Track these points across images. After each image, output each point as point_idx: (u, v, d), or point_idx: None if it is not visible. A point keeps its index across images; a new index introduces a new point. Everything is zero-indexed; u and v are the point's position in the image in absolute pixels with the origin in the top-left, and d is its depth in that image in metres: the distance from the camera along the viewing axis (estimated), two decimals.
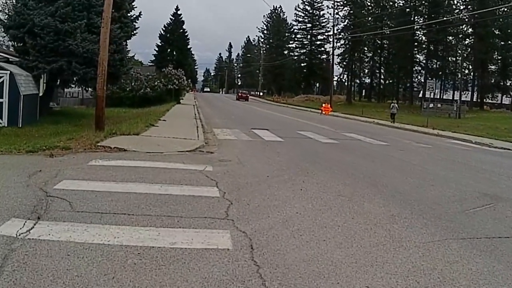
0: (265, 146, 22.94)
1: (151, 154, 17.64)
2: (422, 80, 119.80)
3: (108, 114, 46.00)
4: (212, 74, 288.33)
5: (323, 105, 72.62)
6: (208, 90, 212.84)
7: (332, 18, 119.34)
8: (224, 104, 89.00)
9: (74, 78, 35.51)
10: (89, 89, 45.14)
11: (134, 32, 40.67)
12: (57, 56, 32.90)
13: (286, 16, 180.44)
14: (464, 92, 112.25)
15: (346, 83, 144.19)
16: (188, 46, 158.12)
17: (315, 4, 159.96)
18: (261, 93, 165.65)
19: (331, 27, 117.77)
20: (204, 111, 56.25)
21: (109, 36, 23.11)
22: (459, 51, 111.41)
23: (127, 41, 40.30)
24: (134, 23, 40.48)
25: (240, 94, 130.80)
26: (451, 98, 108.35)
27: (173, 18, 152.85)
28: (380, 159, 20.70)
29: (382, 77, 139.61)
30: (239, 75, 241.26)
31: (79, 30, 32.94)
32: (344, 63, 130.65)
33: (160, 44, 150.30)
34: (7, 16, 37.82)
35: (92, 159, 15.63)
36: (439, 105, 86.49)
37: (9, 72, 28.62)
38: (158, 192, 11.42)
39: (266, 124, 38.41)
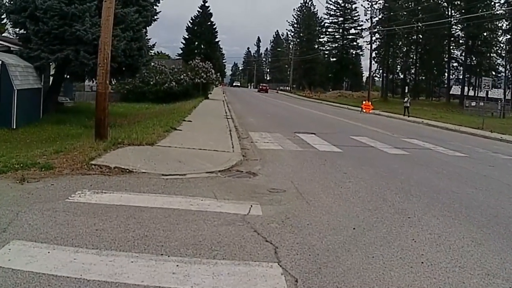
0: (322, 160, 17.61)
1: (168, 178, 12.60)
2: (459, 77, 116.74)
3: (126, 110, 44.12)
4: (240, 68, 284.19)
5: (364, 102, 67.39)
6: (238, 84, 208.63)
7: (367, 11, 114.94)
8: (255, 99, 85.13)
9: (84, 70, 30.51)
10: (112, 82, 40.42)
11: (155, 17, 35.93)
12: (63, 44, 28.74)
13: (317, 10, 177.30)
14: (498, 89, 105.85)
15: (380, 79, 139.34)
16: (216, 40, 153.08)
17: None
18: (290, 88, 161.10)
19: (364, 21, 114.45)
20: (235, 108, 50.99)
21: (113, 14, 18.34)
22: (498, 47, 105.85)
23: (147, 28, 35.67)
24: (154, 7, 35.62)
25: (261, 87, 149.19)
26: (484, 96, 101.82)
27: (201, 11, 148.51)
28: (480, 183, 15.26)
29: (416, 73, 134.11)
30: (268, 70, 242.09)
31: (88, 14, 28.75)
32: (379, 58, 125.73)
33: (187, 37, 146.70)
34: None
35: (77, 190, 10.89)
36: (481, 104, 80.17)
37: (0, 62, 24.73)
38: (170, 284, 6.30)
39: (309, 125, 34.04)
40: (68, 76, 34.42)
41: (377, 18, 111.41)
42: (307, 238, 8.28)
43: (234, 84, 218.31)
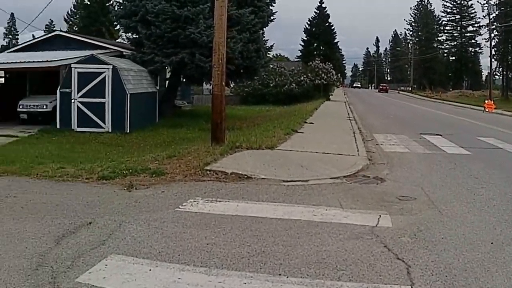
0: (451, 164, 16.19)
1: (289, 185, 11.86)
2: None
3: (245, 113, 43.42)
4: (360, 69, 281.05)
5: (486, 101, 64.38)
6: (359, 85, 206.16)
7: (484, 6, 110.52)
8: (376, 100, 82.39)
9: (200, 73, 30.35)
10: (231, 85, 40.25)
11: (271, 18, 35.38)
12: (177, 47, 28.95)
13: (434, 8, 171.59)
14: None
15: (501, 77, 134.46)
16: (335, 40, 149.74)
17: None
18: (411, 88, 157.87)
19: (481, 18, 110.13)
20: (357, 109, 49.56)
21: (226, 13, 17.51)
22: None
23: (264, 29, 35.17)
24: (270, 7, 34.95)
25: (381, 87, 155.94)
26: None
27: (318, 12, 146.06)
28: None
29: None
30: (388, 70, 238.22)
31: (201, 16, 28.73)
32: (499, 55, 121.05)
33: (305, 38, 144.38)
34: (118, 3, 34.22)
35: (190, 198, 10.40)
36: None
37: (111, 66, 25.39)
38: None
39: (433, 126, 32.13)
40: (184, 80, 34.45)
41: (494, 14, 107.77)
42: (442, 255, 7.21)
43: (354, 85, 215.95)
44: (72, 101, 25.21)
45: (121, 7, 32.06)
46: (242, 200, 10.09)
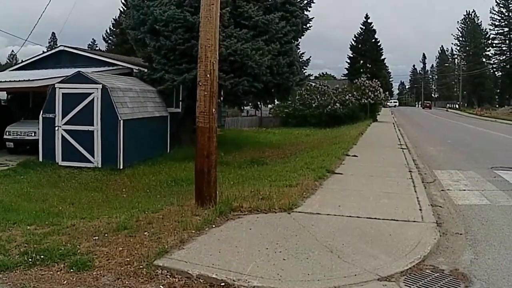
0: None
1: None
2: None
3: (282, 138, 38.93)
4: (407, 87, 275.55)
5: None
6: (396, 103, 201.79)
7: None
8: (427, 120, 76.01)
9: (220, 92, 25.16)
10: (268, 105, 34.88)
11: (307, 25, 29.73)
12: (191, 62, 23.72)
13: (481, 21, 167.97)
14: None
15: None
16: (382, 57, 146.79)
17: (510, 5, 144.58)
18: (458, 105, 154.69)
19: None
20: (407, 132, 44.39)
21: (219, 4, 11.67)
22: None
23: (299, 39, 29.75)
24: (305, 12, 29.33)
25: (425, 104, 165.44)
26: None
27: (364, 27, 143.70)
28: None
29: None
30: (435, 87, 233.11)
31: (220, 23, 22.09)
32: None
33: (351, 55, 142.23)
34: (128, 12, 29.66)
35: None
36: None
37: (100, 86, 21.44)
38: None
39: (500, 154, 26.45)
40: None
41: None
42: None
43: (391, 103, 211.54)
44: (56, 128, 21.55)
45: (128, 16, 27.89)
46: None
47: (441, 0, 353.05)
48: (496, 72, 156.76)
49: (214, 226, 9.47)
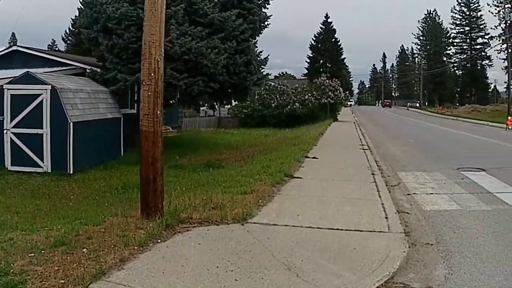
0: None
1: None
2: None
3: (240, 139, 38.31)
4: (367, 86, 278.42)
5: (509, 118, 58.66)
6: (352, 102, 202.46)
7: (500, 15, 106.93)
8: (387, 119, 76.59)
9: (172, 93, 24.94)
10: (226, 105, 34.04)
11: (265, 23, 28.92)
12: None
13: (442, 20, 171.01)
14: None
15: (509, 91, 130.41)
16: (342, 57, 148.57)
17: (471, 4, 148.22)
18: (419, 104, 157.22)
19: (493, 28, 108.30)
20: (369, 132, 44.09)
21: None
22: None
23: (257, 37, 28.94)
24: (263, 10, 28.61)
25: (385, 103, 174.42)
26: None
27: (323, 27, 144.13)
28: None
29: None
30: (396, 86, 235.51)
31: (174, 20, 23.02)
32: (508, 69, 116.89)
33: (311, 55, 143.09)
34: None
35: None
36: None
37: (49, 87, 20.43)
38: None
39: (465, 153, 26.40)
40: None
41: (503, 25, 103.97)
42: None
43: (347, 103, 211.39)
44: (4, 132, 20.59)
45: (82, 14, 27.15)
46: None
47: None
48: (456, 71, 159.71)
49: (159, 241, 8.48)
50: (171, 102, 28.05)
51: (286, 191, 13.52)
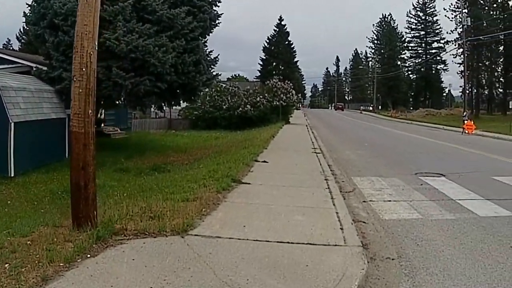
0: (500, 245, 9.59)
1: None
2: None
3: (189, 142, 37.95)
4: (320, 89, 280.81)
5: (465, 122, 58.97)
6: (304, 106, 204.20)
7: (456, 20, 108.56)
8: (341, 122, 78.16)
9: (119, 93, 24.10)
10: (175, 107, 32.87)
11: (216, 22, 28.22)
12: None
13: (397, 25, 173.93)
14: None
15: (469, 95, 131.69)
16: (295, 59, 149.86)
17: (427, 9, 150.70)
18: (374, 108, 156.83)
19: (449, 32, 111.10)
20: (321, 135, 43.29)
21: None
22: None
23: (207, 36, 28.25)
24: (213, 8, 27.84)
25: (337, 106, 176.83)
26: None
27: (277, 29, 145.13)
28: None
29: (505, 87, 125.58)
30: (349, 90, 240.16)
31: (121, 17, 22.51)
32: (467, 71, 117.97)
33: (264, 57, 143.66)
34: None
35: None
36: None
37: None
38: None
39: (422, 158, 25.71)
40: (102, 102, 26.43)
41: (465, 26, 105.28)
42: None
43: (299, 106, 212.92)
44: None
45: (30, 10, 25.71)
46: None
47: (355, 3, 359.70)
48: (411, 75, 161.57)
49: (89, 255, 7.49)
50: (117, 103, 27.22)
51: (233, 199, 12.45)
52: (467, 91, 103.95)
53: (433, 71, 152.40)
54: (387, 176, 18.47)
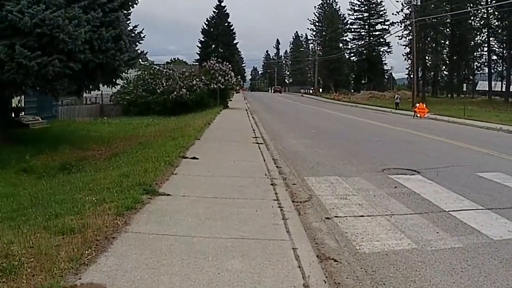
0: None
1: None
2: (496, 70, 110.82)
3: (116, 130, 34.75)
4: (260, 72, 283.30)
5: (417, 105, 56.99)
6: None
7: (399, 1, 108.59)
8: (282, 106, 75.37)
9: (24, 76, 19.83)
10: (94, 91, 28.78)
11: None
12: None
13: (339, 6, 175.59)
14: None
15: (414, 77, 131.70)
16: (235, 41, 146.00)
17: None
18: (315, 91, 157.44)
19: (394, 14, 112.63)
20: (263, 120, 40.50)
21: None
22: None
23: (131, 8, 24.85)
24: None
25: (275, 89, 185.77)
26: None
27: (217, 11, 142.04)
28: None
29: (449, 69, 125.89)
30: (289, 73, 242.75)
31: None
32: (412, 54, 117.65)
33: (203, 39, 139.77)
34: None
35: None
36: None
37: None
38: None
39: (382, 148, 23.11)
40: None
41: (407, 10, 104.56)
42: None
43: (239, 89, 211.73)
44: None
45: None
46: None
47: None
48: (353, 57, 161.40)
49: None
50: (23, 88, 22.85)
51: (138, 226, 8.35)
52: (412, 74, 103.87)
53: (376, 54, 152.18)
54: (349, 175, 15.10)
